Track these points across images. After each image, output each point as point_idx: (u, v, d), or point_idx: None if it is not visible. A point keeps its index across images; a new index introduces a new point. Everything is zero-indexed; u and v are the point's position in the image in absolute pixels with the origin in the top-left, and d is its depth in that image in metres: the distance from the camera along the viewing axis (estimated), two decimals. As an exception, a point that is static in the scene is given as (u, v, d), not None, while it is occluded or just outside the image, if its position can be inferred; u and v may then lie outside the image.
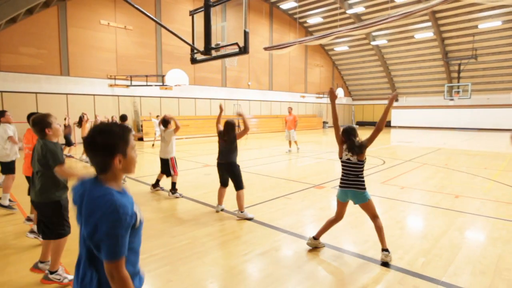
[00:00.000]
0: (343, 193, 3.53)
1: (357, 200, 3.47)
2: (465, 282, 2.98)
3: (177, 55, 19.59)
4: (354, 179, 3.45)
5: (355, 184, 3.44)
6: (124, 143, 1.40)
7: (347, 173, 3.50)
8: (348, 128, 3.53)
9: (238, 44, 5.75)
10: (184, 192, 6.26)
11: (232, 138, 4.89)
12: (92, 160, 1.39)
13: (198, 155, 11.73)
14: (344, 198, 3.55)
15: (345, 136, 3.49)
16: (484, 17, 22.58)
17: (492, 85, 26.58)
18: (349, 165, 3.48)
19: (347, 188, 3.49)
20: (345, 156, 3.51)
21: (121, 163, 1.39)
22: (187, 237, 4.05)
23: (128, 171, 1.45)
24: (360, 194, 3.44)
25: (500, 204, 5.51)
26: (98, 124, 1.41)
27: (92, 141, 1.36)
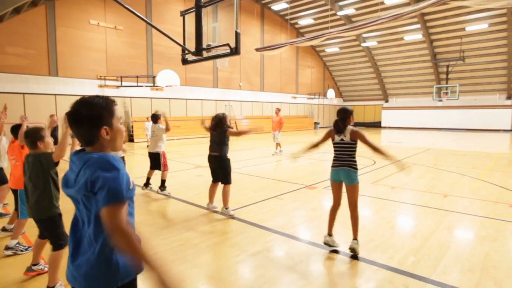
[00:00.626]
0: (335, 172, 3.63)
1: (348, 179, 3.55)
2: (454, 280, 3.02)
3: (168, 56, 19.48)
4: (347, 158, 3.56)
5: (348, 163, 3.55)
6: (109, 114, 1.39)
7: (340, 154, 3.61)
8: (340, 109, 3.71)
9: (230, 45, 5.74)
10: (175, 193, 6.22)
11: (223, 130, 4.88)
12: (77, 133, 1.37)
13: (190, 156, 11.67)
14: (336, 178, 3.64)
15: (338, 116, 3.66)
16: (471, 19, 23.02)
17: (479, 86, 27.11)
18: (342, 146, 3.59)
19: (339, 167, 3.59)
20: (338, 138, 3.61)
21: (108, 134, 1.38)
22: (178, 239, 4.02)
23: (115, 143, 1.44)
24: (352, 173, 3.54)
25: (487, 203, 5.62)
26: (81, 97, 1.39)
27: (76, 113, 1.34)
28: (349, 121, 3.60)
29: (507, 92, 26.08)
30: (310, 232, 4.34)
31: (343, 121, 3.59)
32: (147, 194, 6.28)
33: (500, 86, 26.21)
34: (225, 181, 4.92)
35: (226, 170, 4.92)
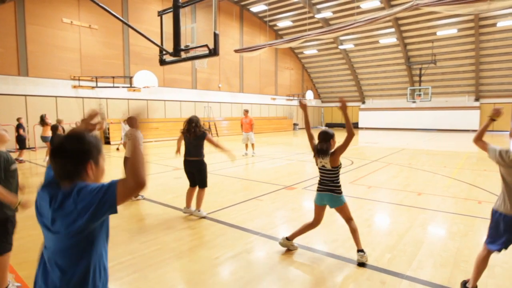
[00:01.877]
0: (320, 196, 3.57)
1: (333, 203, 3.50)
2: (427, 275, 3.13)
3: (146, 56, 19.12)
4: (330, 184, 3.49)
5: (331, 189, 3.48)
6: (97, 151, 1.38)
7: (323, 178, 3.54)
8: (321, 132, 3.56)
9: (208, 46, 5.71)
10: (153, 196, 6.11)
11: (200, 135, 4.80)
12: (60, 167, 1.32)
13: (168, 159, 11.49)
14: (321, 202, 3.58)
15: (319, 139, 3.53)
16: (442, 25, 24.00)
17: (450, 88, 28.30)
18: (324, 171, 3.52)
19: (323, 192, 3.53)
20: (319, 163, 3.54)
21: (93, 171, 1.35)
22: (156, 243, 3.94)
23: (96, 181, 1.40)
24: (336, 198, 3.48)
25: (458, 200, 5.86)
26: (71, 131, 1.38)
27: (65, 146, 1.31)
28: (330, 145, 3.46)
29: (475, 94, 27.36)
30: (290, 233, 4.36)
31: (324, 145, 3.46)
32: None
33: (469, 88, 27.47)
34: (202, 185, 4.90)
35: (204, 174, 4.88)
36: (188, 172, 5.00)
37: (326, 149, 3.43)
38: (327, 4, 24.27)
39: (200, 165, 4.88)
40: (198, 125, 4.86)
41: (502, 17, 21.86)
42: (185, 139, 4.96)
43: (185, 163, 4.98)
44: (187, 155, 4.95)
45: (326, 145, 3.45)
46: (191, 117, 4.96)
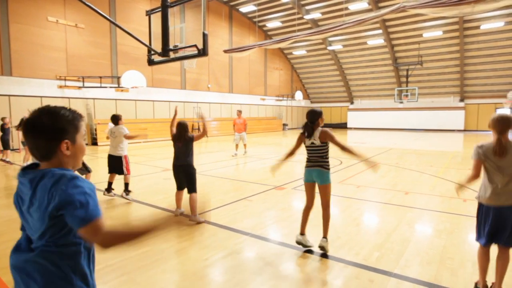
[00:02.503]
0: (308, 172, 3.69)
1: (320, 179, 3.62)
2: (414, 272, 3.18)
3: (134, 56, 18.91)
4: (319, 159, 3.63)
5: (320, 163, 3.62)
6: (74, 128, 1.28)
7: (312, 155, 3.68)
8: (308, 112, 3.74)
9: (197, 46, 5.68)
10: (142, 197, 6.04)
11: (188, 139, 4.83)
12: (33, 145, 1.23)
13: (157, 159, 11.38)
14: (309, 179, 3.70)
15: (307, 118, 3.70)
16: (428, 27, 24.46)
17: (435, 89, 28.85)
18: (314, 149, 3.66)
19: (312, 168, 3.65)
20: (308, 141, 3.66)
21: (69, 149, 1.26)
22: (145, 245, 3.90)
23: (76, 160, 1.32)
24: (325, 174, 3.61)
25: (444, 199, 5.98)
26: (46, 106, 1.27)
27: (37, 122, 1.21)
28: (318, 123, 3.65)
29: (460, 95, 27.96)
30: (280, 233, 4.38)
31: (312, 123, 3.64)
32: (110, 200, 6.04)
33: (454, 89, 28.06)
34: (192, 189, 4.85)
35: (193, 179, 4.86)
36: (176, 177, 4.97)
37: (314, 129, 3.62)
38: (316, 5, 24.45)
39: (189, 169, 4.84)
40: (187, 131, 4.88)
41: (486, 20, 22.42)
42: (174, 145, 4.93)
43: (174, 168, 4.95)
44: (175, 160, 4.92)
45: (314, 124, 3.64)
46: (182, 123, 4.92)
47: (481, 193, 2.76)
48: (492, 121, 2.71)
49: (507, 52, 24.02)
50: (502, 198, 2.63)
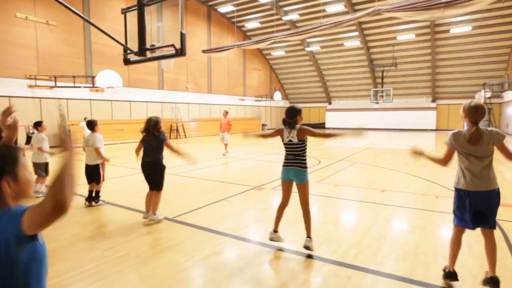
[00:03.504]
0: (286, 171, 3.69)
1: (297, 178, 3.63)
2: (390, 268, 3.27)
3: (109, 55, 18.39)
4: (296, 158, 3.63)
5: (297, 162, 3.62)
6: (12, 164, 1.20)
7: (290, 154, 3.68)
8: (288, 108, 3.75)
9: (175, 45, 5.59)
10: (117, 200, 5.89)
11: (159, 139, 4.71)
12: None
13: (134, 161, 11.12)
14: (287, 177, 3.70)
15: (286, 114, 3.69)
16: (401, 30, 25.27)
17: (409, 90, 29.86)
18: (291, 146, 3.65)
19: (289, 167, 3.65)
20: (286, 139, 3.66)
21: (11, 187, 1.18)
22: (121, 249, 3.80)
23: (23, 195, 1.23)
24: (301, 173, 3.61)
25: (418, 196, 6.19)
26: None
27: None
28: (296, 120, 3.63)
29: (432, 96, 29.09)
30: (260, 233, 4.39)
31: (291, 120, 3.63)
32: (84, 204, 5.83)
33: (426, 90, 29.16)
34: (157, 187, 4.78)
35: (159, 176, 4.78)
36: (145, 174, 4.87)
37: (293, 122, 3.60)
38: (294, 6, 24.71)
39: (157, 166, 4.76)
40: (158, 126, 4.75)
41: (455, 25, 23.43)
42: (143, 140, 4.83)
43: (142, 165, 4.86)
44: (145, 156, 4.83)
45: (293, 120, 3.62)
46: (150, 117, 4.84)
47: (459, 180, 2.87)
48: (467, 110, 2.78)
49: (474, 55, 25.21)
50: (481, 183, 2.76)
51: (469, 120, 2.77)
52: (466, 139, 2.75)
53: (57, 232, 4.32)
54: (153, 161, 4.76)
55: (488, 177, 2.77)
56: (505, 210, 5.17)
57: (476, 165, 2.76)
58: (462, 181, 2.84)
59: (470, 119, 2.77)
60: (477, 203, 2.77)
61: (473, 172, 2.77)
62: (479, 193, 2.76)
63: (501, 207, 5.43)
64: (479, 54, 25.07)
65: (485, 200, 2.76)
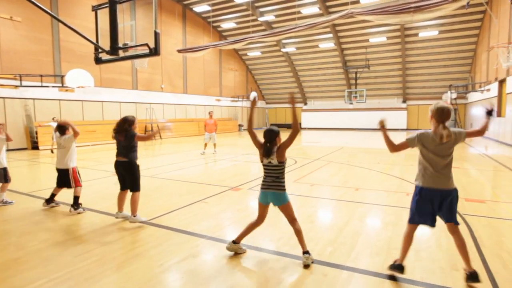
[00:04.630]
0: (264, 195, 3.54)
1: (277, 201, 3.50)
2: (364, 264, 3.36)
3: (79, 54, 17.73)
4: (275, 180, 3.48)
5: (275, 186, 3.48)
6: None
7: (268, 176, 3.52)
8: (266, 131, 3.53)
9: (149, 45, 5.47)
10: (89, 204, 5.68)
11: (130, 136, 4.63)
12: None
13: (107, 163, 10.78)
14: (265, 200, 3.56)
15: (265, 139, 3.51)
16: (374, 32, 26.06)
17: (381, 91, 30.84)
18: (270, 168, 3.50)
19: (267, 190, 3.51)
20: (265, 160, 3.51)
21: None
22: (94, 254, 3.67)
23: None
24: (280, 195, 3.48)
25: (390, 193, 6.40)
26: None
27: None
28: (275, 142, 3.48)
29: (402, 96, 30.19)
30: (236, 234, 4.36)
31: (270, 143, 3.47)
32: (52, 209, 5.59)
33: (397, 91, 30.23)
34: (134, 188, 4.67)
35: (135, 176, 4.67)
36: (118, 173, 4.76)
37: (272, 149, 3.46)
38: (270, 8, 24.87)
39: (132, 166, 4.66)
40: (129, 125, 4.68)
41: (423, 29, 24.45)
42: (116, 140, 4.73)
43: (115, 164, 4.75)
44: (117, 155, 4.72)
45: (272, 144, 3.47)
46: (125, 117, 4.75)
47: (421, 178, 3.00)
48: (434, 111, 2.93)
49: (441, 58, 26.44)
50: (441, 181, 2.91)
51: (436, 120, 2.91)
52: (435, 138, 2.89)
53: (23, 239, 4.11)
54: (126, 161, 4.65)
55: (449, 176, 2.94)
56: (470, 205, 5.45)
57: (438, 164, 2.92)
58: (423, 179, 2.98)
59: (437, 119, 2.91)
60: (437, 200, 2.91)
61: (434, 170, 2.92)
62: (439, 191, 2.91)
63: (466, 202, 5.75)
64: (446, 57, 26.31)
65: (445, 197, 2.91)
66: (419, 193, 3.01)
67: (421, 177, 3.01)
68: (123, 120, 4.71)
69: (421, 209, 2.98)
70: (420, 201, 2.98)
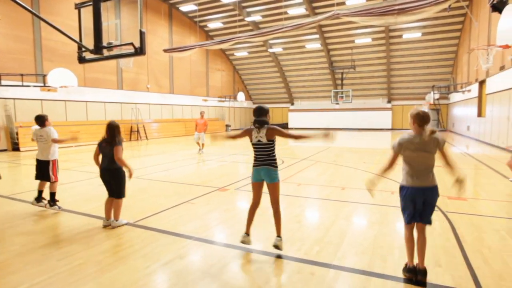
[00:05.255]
0: (256, 172, 3.66)
1: (269, 178, 3.61)
2: (350, 262, 3.41)
3: (62, 53, 17.32)
4: (267, 157, 3.62)
5: (267, 162, 3.61)
6: None
7: (259, 154, 3.65)
8: (256, 108, 3.73)
9: (134, 44, 5.39)
10: (73, 206, 5.56)
11: (118, 144, 4.55)
12: None
13: (92, 164, 10.56)
14: (258, 178, 3.67)
15: (255, 115, 3.68)
16: (359, 34, 26.43)
17: (367, 91, 31.31)
18: (260, 146, 3.62)
19: (260, 166, 3.63)
20: (255, 139, 3.63)
21: None
22: (78, 258, 3.59)
23: None
24: (273, 172, 3.61)
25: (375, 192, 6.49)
26: None
27: None
28: (266, 117, 3.65)
29: (387, 97, 30.73)
30: (224, 234, 4.37)
31: (260, 119, 3.63)
32: (35, 211, 5.45)
33: (382, 91, 30.75)
34: (118, 195, 4.61)
35: (120, 183, 4.61)
36: (104, 181, 4.69)
37: (264, 121, 3.62)
38: (257, 8, 24.90)
39: (118, 173, 4.59)
40: (119, 132, 4.62)
41: (407, 30, 24.95)
42: (100, 146, 4.65)
43: (101, 172, 4.67)
44: (103, 163, 4.65)
45: (262, 117, 3.63)
46: (112, 123, 4.63)
47: (405, 178, 3.09)
48: (415, 117, 3.04)
49: (424, 59, 27.04)
50: (425, 180, 3.00)
51: (418, 124, 3.02)
52: (417, 140, 2.98)
53: (4, 243, 3.99)
54: (113, 169, 4.57)
55: (432, 174, 3.04)
56: (452, 203, 5.60)
57: (421, 164, 3.01)
58: (408, 178, 3.07)
59: (419, 123, 3.02)
60: (421, 198, 2.99)
61: (418, 170, 3.01)
62: (421, 189, 2.99)
63: (447, 200, 5.89)
64: (428, 59, 26.93)
65: (428, 195, 2.99)
66: (404, 194, 3.09)
67: (405, 178, 3.10)
68: (111, 127, 4.59)
69: (408, 210, 3.06)
70: (406, 201, 3.07)
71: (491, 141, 15.43)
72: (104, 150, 4.62)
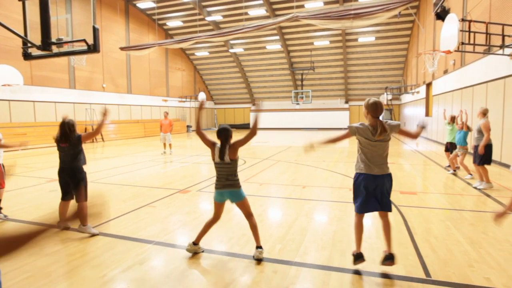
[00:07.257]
0: (220, 194, 3.55)
1: (233, 198, 3.54)
2: (311, 258, 3.50)
3: (5, 48, 15.95)
4: (229, 178, 3.51)
5: (230, 184, 3.51)
6: None
7: (222, 174, 3.53)
8: (220, 129, 3.56)
9: (86, 41, 5.11)
10: (20, 215, 5.15)
11: (75, 140, 4.32)
12: None
13: (41, 169, 9.86)
14: (221, 199, 3.57)
15: (220, 138, 3.53)
16: (318, 36, 27.28)
17: (326, 92, 32.40)
18: (223, 166, 3.51)
19: (223, 189, 3.52)
20: (218, 159, 3.51)
21: None
22: (26, 270, 3.33)
23: None
24: (236, 192, 3.53)
25: (334, 189, 6.74)
26: None
27: None
28: (229, 141, 3.50)
29: (345, 97, 32.04)
30: (186, 236, 4.28)
31: (224, 143, 3.49)
32: (-23, 221, 4.97)
33: (340, 92, 32.01)
34: (82, 198, 4.36)
35: (80, 184, 4.36)
36: (63, 182, 4.40)
37: (225, 148, 3.48)
38: (217, 7, 24.75)
39: (78, 173, 4.34)
40: (73, 130, 4.35)
41: (362, 34, 26.20)
42: (59, 148, 4.36)
43: (59, 173, 4.38)
44: (62, 164, 4.37)
45: (226, 143, 3.50)
46: (66, 121, 4.37)
47: (360, 165, 3.20)
48: (369, 106, 3.14)
49: (378, 62, 28.57)
50: (379, 168, 3.13)
51: (372, 115, 3.14)
52: (372, 131, 3.10)
53: None
54: (72, 169, 4.30)
55: (386, 162, 3.19)
56: (404, 197, 5.96)
57: (375, 152, 3.14)
58: (361, 166, 3.19)
59: (372, 114, 3.14)
60: (373, 185, 3.13)
61: (371, 158, 3.14)
62: (374, 176, 3.12)
63: (400, 194, 6.25)
64: (382, 62, 28.48)
65: (379, 182, 3.13)
66: (356, 179, 3.21)
67: (359, 165, 3.22)
68: (63, 125, 4.32)
69: (361, 198, 3.17)
70: (359, 189, 3.19)
71: (437, 139, 16.68)
72: (62, 150, 4.33)
